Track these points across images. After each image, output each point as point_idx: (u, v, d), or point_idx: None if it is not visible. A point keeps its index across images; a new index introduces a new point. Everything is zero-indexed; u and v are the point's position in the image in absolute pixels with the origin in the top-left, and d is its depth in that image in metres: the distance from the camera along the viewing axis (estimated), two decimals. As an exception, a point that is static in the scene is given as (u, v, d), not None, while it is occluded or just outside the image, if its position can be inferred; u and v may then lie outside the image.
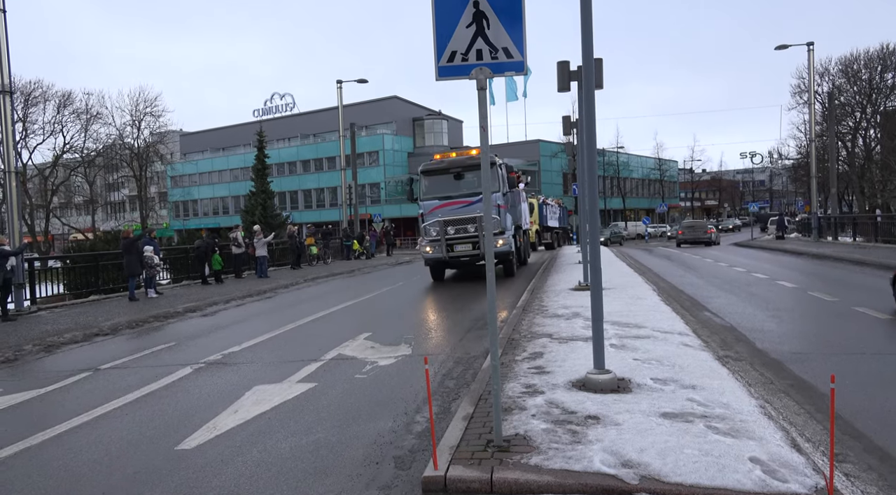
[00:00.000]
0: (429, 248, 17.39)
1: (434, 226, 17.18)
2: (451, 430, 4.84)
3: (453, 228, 17.03)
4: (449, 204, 17.34)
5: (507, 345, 7.80)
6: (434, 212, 17.40)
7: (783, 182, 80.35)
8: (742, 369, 6.71)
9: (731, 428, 4.51)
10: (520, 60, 4.69)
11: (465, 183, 17.65)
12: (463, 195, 17.33)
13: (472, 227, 16.85)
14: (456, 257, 17.30)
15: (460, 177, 17.69)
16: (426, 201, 17.78)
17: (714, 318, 10.55)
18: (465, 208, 17.07)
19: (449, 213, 17.20)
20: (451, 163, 17.83)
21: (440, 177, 17.91)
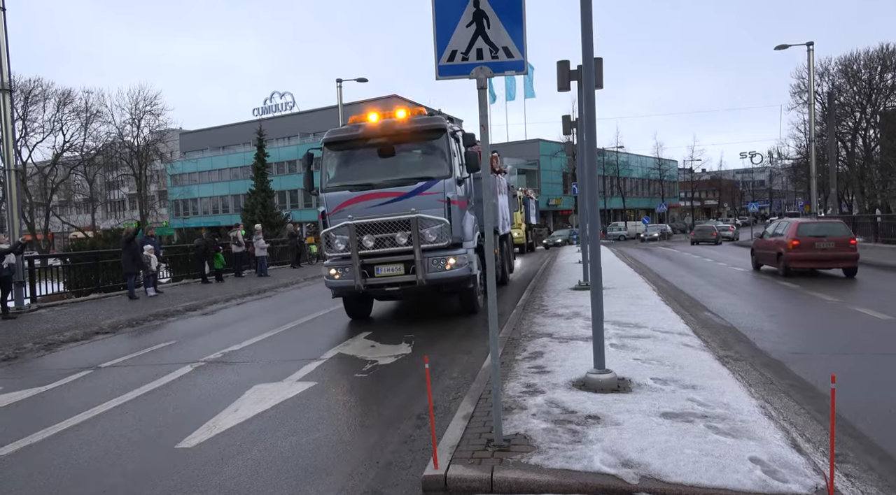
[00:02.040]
0: (333, 270, 10.43)
1: (341, 233, 10.27)
2: (452, 429, 4.84)
3: (372, 238, 10.12)
4: (366, 197, 10.34)
5: (508, 345, 7.80)
6: (342, 211, 10.34)
7: (783, 182, 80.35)
8: (742, 369, 6.71)
9: (731, 428, 4.51)
10: (520, 60, 4.68)
11: (394, 164, 10.65)
12: (391, 184, 10.32)
13: (404, 237, 9.98)
14: (378, 285, 10.33)
15: (386, 153, 10.71)
16: (331, 192, 10.57)
17: (714, 318, 10.55)
18: (391, 204, 10.19)
19: (366, 213, 10.19)
20: (370, 131, 10.59)
21: (354, 153, 10.81)
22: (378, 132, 10.53)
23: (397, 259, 10.15)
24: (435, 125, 10.48)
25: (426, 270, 10.00)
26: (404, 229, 10.01)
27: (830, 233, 16.62)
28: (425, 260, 10.00)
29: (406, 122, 10.50)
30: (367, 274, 10.21)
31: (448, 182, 10.22)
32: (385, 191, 10.29)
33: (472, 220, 11.33)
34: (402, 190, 10.22)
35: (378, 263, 10.21)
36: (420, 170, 10.44)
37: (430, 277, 10.05)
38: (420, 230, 9.90)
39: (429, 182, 10.17)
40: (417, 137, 10.52)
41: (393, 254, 10.15)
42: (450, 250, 10.17)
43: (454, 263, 10.17)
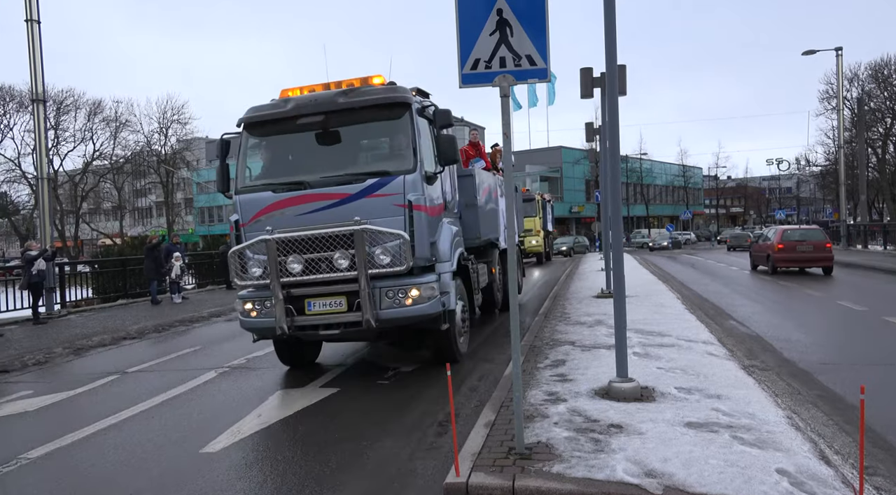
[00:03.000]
0: (249, 305, 7.49)
1: (257, 252, 7.23)
2: (473, 437, 4.84)
3: (301, 259, 7.06)
4: (295, 201, 7.25)
5: (530, 353, 7.77)
6: (261, 221, 7.30)
7: (811, 189, 79.01)
8: (769, 379, 6.61)
9: (757, 438, 4.44)
10: (543, 68, 4.70)
11: (337, 154, 7.56)
12: (329, 181, 7.23)
13: (345, 258, 6.97)
14: (310, 327, 7.24)
15: (328, 139, 7.60)
16: (247, 195, 7.53)
17: (739, 327, 10.39)
18: (329, 211, 7.14)
19: (293, 223, 7.15)
20: (304, 108, 7.44)
21: (283, 139, 7.79)
22: (314, 109, 7.28)
23: (337, 289, 6.94)
24: (394, 98, 7.19)
25: (376, 306, 6.86)
26: (345, 246, 6.78)
27: (810, 238, 19.99)
28: (376, 291, 6.87)
29: (354, 96, 7.21)
30: (293, 311, 7.01)
31: (411, 179, 6.97)
32: (321, 192, 7.04)
33: (452, 233, 7.95)
34: (344, 190, 6.99)
35: (310, 295, 7.02)
36: (372, 163, 7.44)
37: (383, 316, 6.86)
38: (368, 248, 6.76)
39: (382, 179, 6.98)
40: (370, 116, 7.28)
41: (330, 282, 6.94)
42: (412, 277, 6.96)
43: (418, 296, 6.90)
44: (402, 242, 6.77)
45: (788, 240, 19.97)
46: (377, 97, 7.24)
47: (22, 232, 50.73)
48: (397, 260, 6.82)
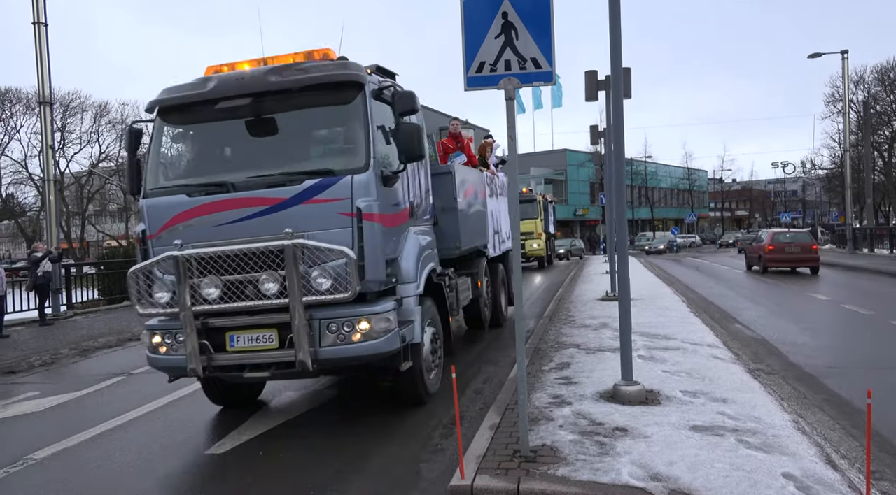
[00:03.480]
0: (158, 338, 5.88)
1: (166, 270, 5.62)
2: (478, 440, 4.84)
3: (219, 282, 5.43)
4: (213, 208, 5.69)
5: (534, 355, 7.77)
6: (173, 231, 5.73)
7: (816, 192, 78.75)
8: (774, 383, 6.58)
9: (763, 442, 4.43)
10: (548, 71, 4.70)
11: (271, 148, 6.02)
12: (257, 183, 5.66)
13: (274, 282, 5.36)
14: (232, 368, 5.63)
15: (260, 128, 6.01)
16: (157, 199, 5.96)
17: (745, 330, 10.36)
18: (256, 220, 5.55)
19: (211, 236, 5.58)
20: (228, 88, 5.81)
21: (204, 129, 6.24)
22: (239, 89, 5.73)
23: (267, 320, 5.43)
24: (341, 77, 5.64)
25: (316, 342, 5.33)
26: (275, 266, 5.29)
27: (797, 241, 21.86)
28: (315, 323, 5.34)
29: (290, 73, 5.69)
30: (210, 347, 5.45)
31: (361, 180, 5.43)
32: (248, 196, 5.52)
33: (420, 246, 6.42)
34: (276, 195, 5.49)
35: (232, 328, 5.50)
36: (313, 160, 5.83)
37: (323, 356, 5.33)
38: (303, 269, 5.24)
39: (324, 180, 5.45)
40: (311, 99, 5.74)
41: (257, 311, 5.42)
42: (363, 305, 5.43)
43: (368, 330, 5.34)
44: (346, 262, 5.13)
45: (778, 242, 21.73)
46: (320, 75, 5.61)
47: (28, 233, 50.99)
48: (340, 284, 5.18)
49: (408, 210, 6.34)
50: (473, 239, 8.87)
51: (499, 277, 11.03)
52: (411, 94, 5.83)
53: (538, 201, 28.22)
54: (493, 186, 10.62)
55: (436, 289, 6.86)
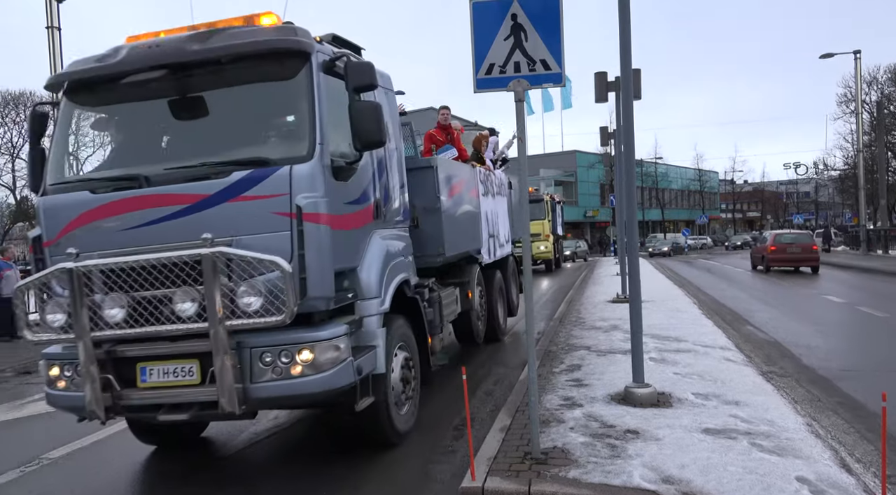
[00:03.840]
0: (56, 369, 4.68)
1: (58, 287, 4.48)
2: (489, 441, 4.83)
3: (122, 303, 4.32)
4: (125, 206, 4.50)
5: (545, 357, 7.75)
6: (71, 236, 4.55)
7: (829, 193, 78.10)
8: (788, 385, 6.53)
9: (776, 445, 4.39)
10: (558, 72, 4.70)
11: (192, 134, 4.88)
12: (175, 177, 4.49)
13: (190, 301, 4.26)
14: (143, 408, 4.50)
15: (180, 108, 4.81)
16: (57, 196, 4.75)
17: (757, 333, 10.29)
18: (172, 222, 4.42)
19: (119, 240, 4.46)
20: (135, 58, 4.62)
21: (114, 110, 5.11)
22: (153, 61, 4.63)
23: (185, 349, 4.35)
24: (282, 45, 4.55)
25: (246, 377, 4.28)
26: (191, 281, 4.26)
27: (799, 241, 23.19)
28: (245, 354, 4.31)
29: (217, 41, 4.60)
30: (115, 382, 4.39)
31: (303, 172, 4.39)
32: (163, 192, 4.48)
33: (386, 253, 5.33)
34: (197, 190, 4.44)
35: (144, 358, 4.43)
36: (244, 147, 4.62)
37: (255, 394, 4.28)
38: (226, 284, 4.21)
39: (256, 172, 4.41)
40: (245, 73, 4.64)
41: (177, 338, 4.35)
42: (306, 329, 4.39)
43: (312, 361, 4.30)
44: (279, 276, 4.05)
45: (780, 242, 23.07)
46: (254, 43, 4.50)
47: (42, 236, 51.46)
48: (272, 304, 4.09)
49: (371, 209, 5.17)
50: (462, 243, 7.72)
51: (495, 286, 9.73)
52: (368, 66, 4.81)
53: (545, 201, 26.98)
54: (487, 184, 9.24)
55: (411, 304, 5.75)
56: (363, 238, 5.07)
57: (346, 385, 4.41)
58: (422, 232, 6.61)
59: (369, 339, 4.86)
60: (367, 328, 4.87)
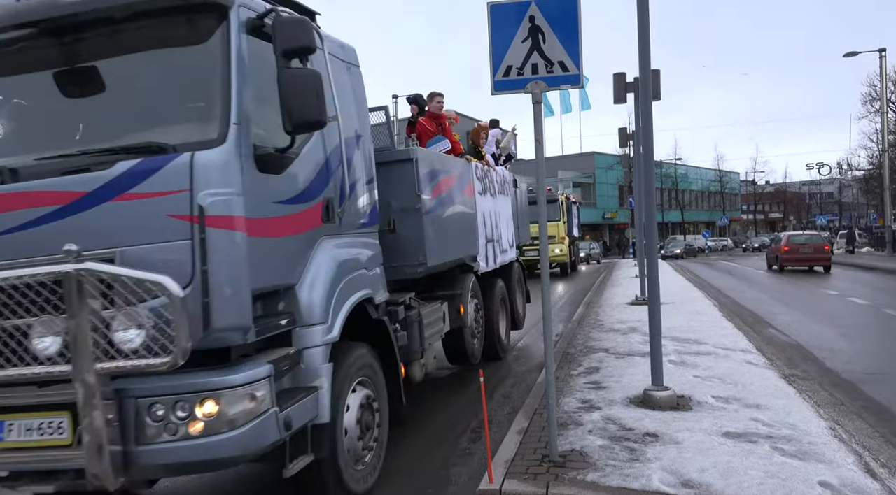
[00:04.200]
0: None
1: None
2: (506, 444, 4.83)
3: None
4: None
5: (563, 360, 7.72)
6: None
7: (853, 194, 76.79)
8: (810, 389, 6.43)
9: (798, 449, 4.34)
10: (576, 74, 4.69)
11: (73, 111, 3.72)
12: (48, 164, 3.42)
13: (53, 336, 3.10)
14: None
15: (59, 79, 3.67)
16: None
17: (779, 335, 10.15)
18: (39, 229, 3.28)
19: None
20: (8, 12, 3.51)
21: None
22: (24, 17, 3.55)
23: (54, 398, 3.18)
24: None
25: (130, 438, 3.11)
26: (52, 309, 3.14)
27: (811, 242, 24.65)
28: (129, 406, 3.14)
29: None
30: None
31: (208, 160, 3.29)
32: (28, 188, 3.38)
33: (338, 266, 4.25)
34: (70, 187, 3.33)
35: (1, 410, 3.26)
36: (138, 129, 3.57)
37: (144, 460, 3.11)
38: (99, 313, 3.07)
39: (146, 161, 3.31)
40: (142, 33, 3.60)
41: (41, 383, 3.21)
42: (210, 373, 3.26)
43: (217, 415, 3.16)
44: (165, 303, 3.01)
45: (793, 243, 24.61)
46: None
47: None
48: (155, 341, 3.06)
49: (317, 209, 4.03)
50: (452, 250, 6.69)
51: (496, 297, 8.40)
52: (303, 23, 3.62)
53: (560, 202, 25.56)
54: (486, 182, 8.07)
55: (376, 329, 4.65)
56: (305, 247, 3.93)
57: (268, 445, 3.36)
58: (399, 237, 5.62)
59: (309, 378, 3.75)
60: (307, 364, 3.77)
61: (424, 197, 5.90)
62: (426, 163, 6.10)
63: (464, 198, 7.23)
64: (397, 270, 5.50)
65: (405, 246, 5.68)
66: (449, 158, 7.04)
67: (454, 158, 7.21)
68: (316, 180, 4.07)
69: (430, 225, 5.94)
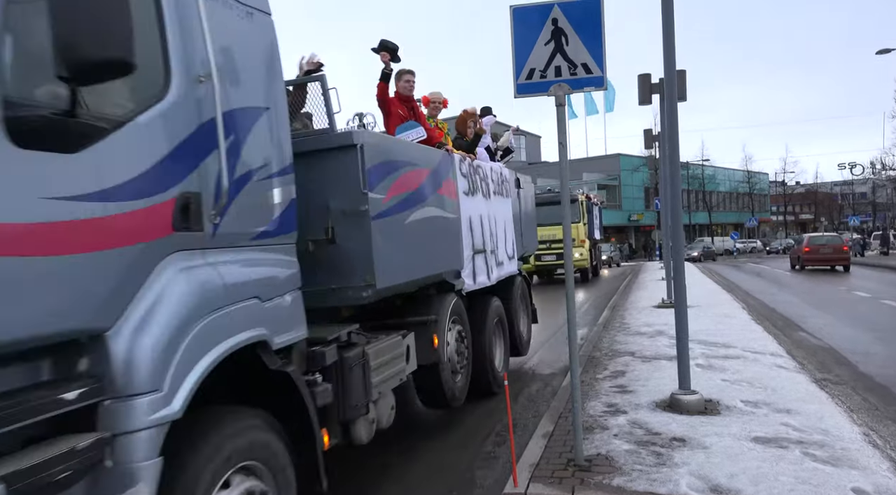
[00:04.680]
0: None
1: None
2: (531, 448, 4.81)
3: None
4: None
5: (588, 363, 7.67)
6: None
7: (887, 194, 74.96)
8: (843, 393, 6.29)
9: (830, 455, 4.25)
10: (599, 76, 4.67)
11: None
12: None
13: None
14: None
15: None
16: None
17: (810, 339, 9.95)
18: None
19: None
20: None
21: None
22: None
23: None
24: None
25: None
26: None
27: (830, 243, 26.85)
28: None
29: None
30: None
31: None
32: None
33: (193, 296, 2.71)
34: None
35: None
36: None
37: None
38: None
39: None
40: None
41: None
42: None
43: None
44: None
45: (813, 244, 26.89)
46: None
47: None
48: None
49: (163, 210, 2.67)
50: (417, 265, 5.11)
51: (489, 320, 6.72)
52: None
53: (580, 202, 23.82)
54: (476, 179, 6.52)
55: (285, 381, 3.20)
56: (133, 268, 2.52)
57: None
58: (339, 250, 4.22)
59: (121, 486, 2.29)
60: (120, 460, 2.30)
61: (374, 196, 4.33)
62: (377, 152, 4.51)
63: (440, 198, 5.60)
64: (337, 295, 4.21)
65: (347, 262, 4.23)
66: (417, 148, 5.52)
67: (426, 149, 5.68)
68: (162, 166, 2.64)
69: (380, 233, 4.39)
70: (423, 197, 5.29)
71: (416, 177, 5.17)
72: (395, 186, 4.76)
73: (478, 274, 6.41)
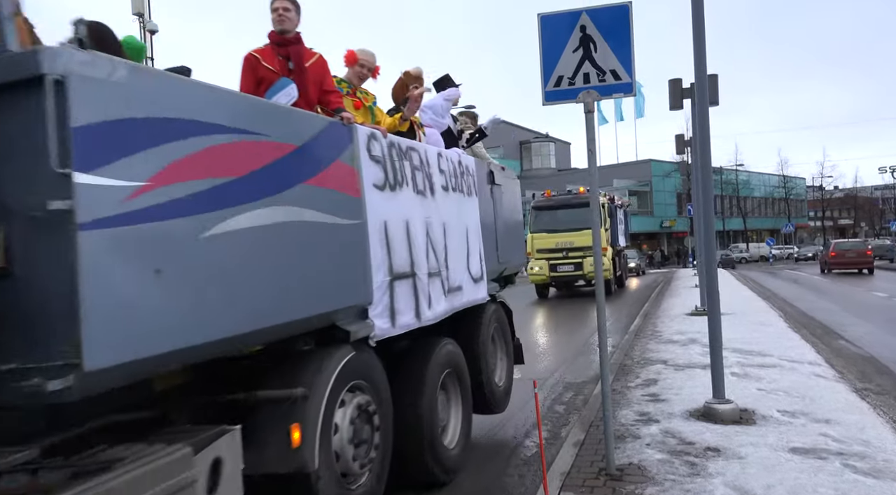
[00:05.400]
0: None
1: None
2: (562, 456, 4.78)
3: None
4: None
5: (619, 371, 7.58)
6: None
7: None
8: (885, 403, 6.11)
9: (872, 467, 4.13)
10: (628, 82, 4.64)
11: None
12: None
13: None
14: None
15: None
16: None
17: (850, 347, 9.68)
18: None
19: None
20: None
21: None
22: None
23: None
24: None
25: None
26: None
27: (854, 248, 29.18)
28: None
29: None
30: None
31: None
32: None
33: None
34: None
35: None
36: None
37: None
38: None
39: None
40: None
41: None
42: None
43: None
44: None
45: (839, 249, 29.09)
46: None
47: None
48: None
49: None
50: (243, 309, 2.74)
51: (429, 377, 4.35)
52: None
53: (603, 205, 20.55)
54: (394, 164, 4.11)
55: None
56: None
57: None
58: (18, 290, 2.08)
59: None
60: None
61: (95, 182, 2.10)
62: (114, 96, 2.21)
63: (316, 193, 3.33)
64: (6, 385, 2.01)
65: (32, 314, 2.07)
66: (247, 104, 3.06)
67: (284, 110, 3.42)
68: None
69: (116, 253, 2.16)
70: (261, 189, 2.90)
71: (242, 155, 2.82)
72: (174, 167, 2.43)
73: (400, 312, 4.02)
